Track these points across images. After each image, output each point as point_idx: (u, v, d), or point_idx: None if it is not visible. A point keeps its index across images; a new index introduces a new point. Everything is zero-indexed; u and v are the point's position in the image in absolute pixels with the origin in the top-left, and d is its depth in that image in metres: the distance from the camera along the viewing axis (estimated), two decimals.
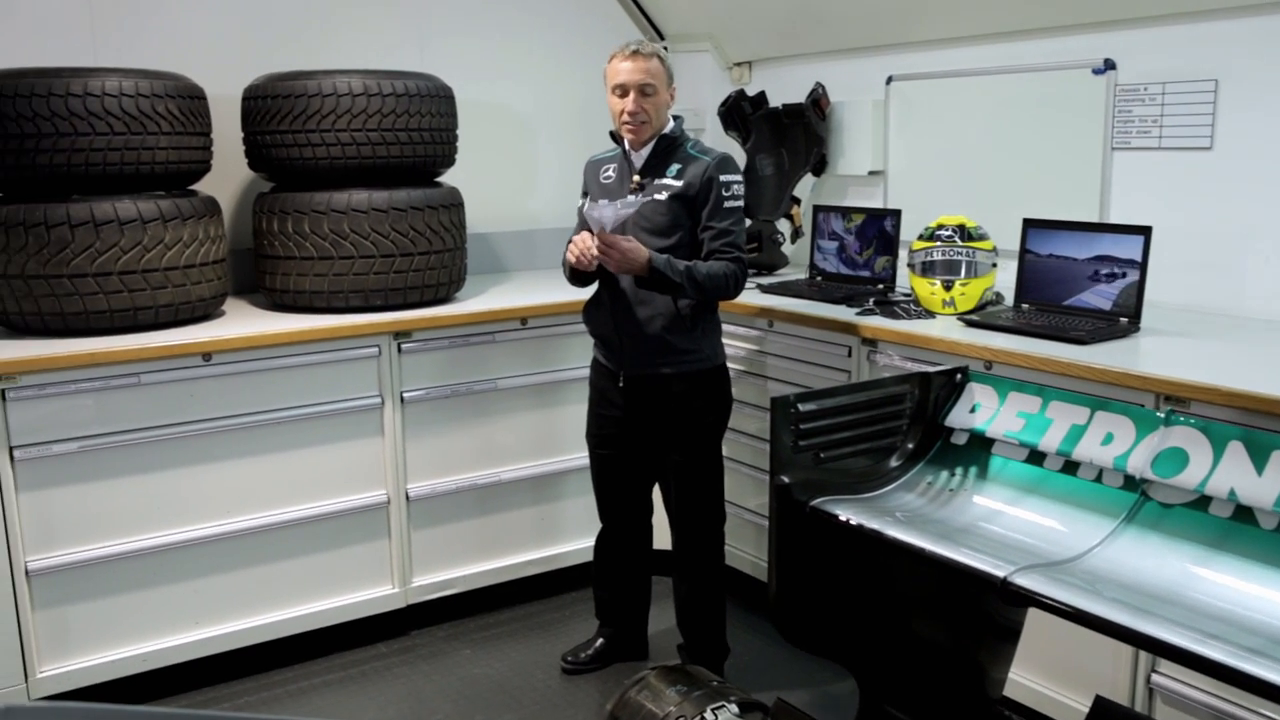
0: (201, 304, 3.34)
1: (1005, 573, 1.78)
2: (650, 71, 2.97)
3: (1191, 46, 3.17)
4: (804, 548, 2.11)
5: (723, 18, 4.46)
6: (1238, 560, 1.80)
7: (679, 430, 3.09)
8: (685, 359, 3.04)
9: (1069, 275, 3.15)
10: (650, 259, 2.88)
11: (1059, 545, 1.94)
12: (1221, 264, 3.18)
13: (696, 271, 2.92)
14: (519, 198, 4.46)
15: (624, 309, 3.04)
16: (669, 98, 3.05)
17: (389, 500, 3.51)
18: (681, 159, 3.03)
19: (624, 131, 3.05)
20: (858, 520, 2.00)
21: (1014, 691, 2.81)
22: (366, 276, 3.45)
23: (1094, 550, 1.91)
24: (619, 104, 3.00)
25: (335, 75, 3.43)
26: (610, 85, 3.02)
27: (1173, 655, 1.58)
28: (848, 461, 2.20)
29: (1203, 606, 1.72)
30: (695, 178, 2.98)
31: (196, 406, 3.17)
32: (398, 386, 3.47)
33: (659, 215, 3.00)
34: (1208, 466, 1.89)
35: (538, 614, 3.78)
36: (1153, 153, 3.29)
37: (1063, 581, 1.78)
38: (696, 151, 3.05)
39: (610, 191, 3.09)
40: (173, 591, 3.20)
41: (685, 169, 3.01)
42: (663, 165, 3.04)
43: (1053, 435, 2.12)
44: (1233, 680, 1.51)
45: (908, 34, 3.90)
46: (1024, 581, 1.76)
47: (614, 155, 3.17)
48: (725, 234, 2.98)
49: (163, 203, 3.22)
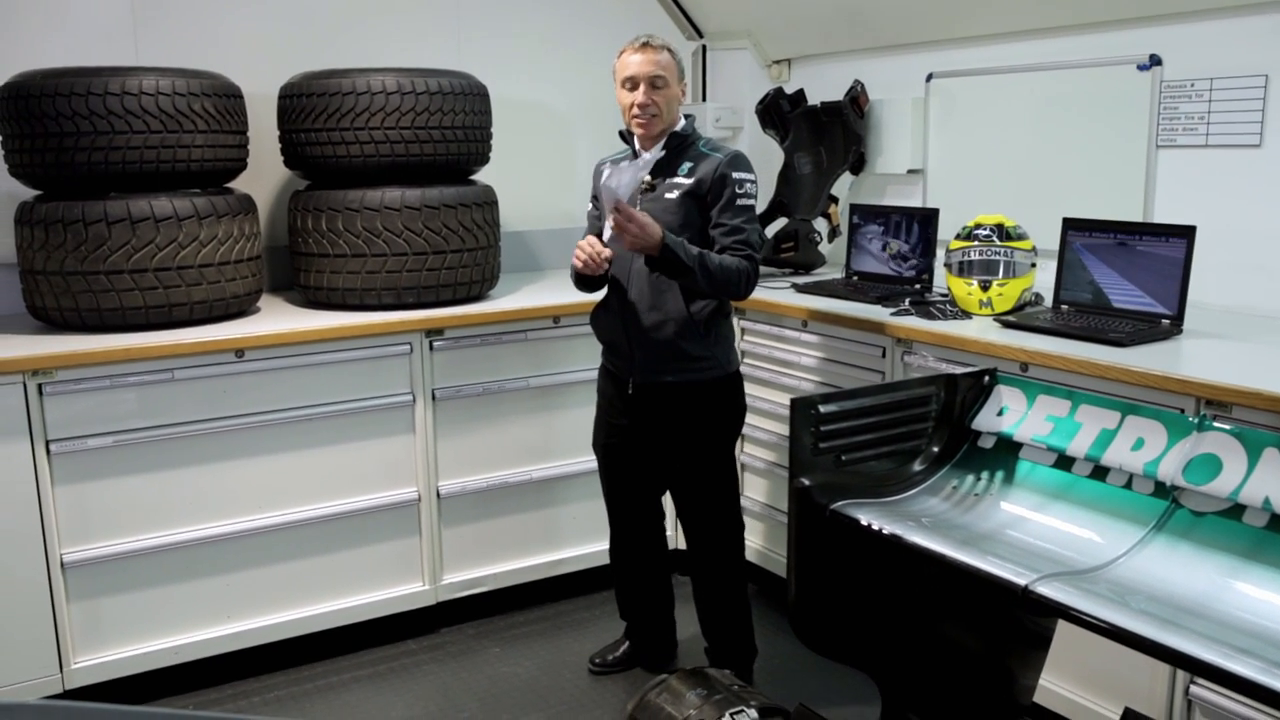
0: (236, 301, 3.37)
1: (1027, 581, 1.74)
2: (660, 64, 2.92)
3: (1240, 41, 3.09)
4: (824, 551, 2.07)
5: (762, 15, 4.42)
6: (1272, 571, 1.74)
7: (690, 439, 3.04)
8: (697, 366, 2.98)
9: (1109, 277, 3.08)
10: (664, 236, 2.77)
11: (1085, 553, 1.89)
12: (1270, 265, 3.08)
13: (709, 260, 2.82)
14: (554, 196, 4.45)
15: (634, 314, 2.98)
16: (680, 93, 2.99)
17: (420, 497, 3.51)
18: (693, 157, 2.97)
19: (634, 126, 2.98)
20: (878, 525, 1.96)
21: (1045, 699, 2.75)
22: (400, 274, 3.46)
23: (1121, 559, 1.85)
24: (629, 97, 2.95)
25: (370, 74, 3.44)
26: (619, 79, 2.97)
27: (1200, 670, 1.53)
28: (870, 464, 2.16)
29: (1234, 619, 1.66)
30: (707, 174, 2.92)
31: (230, 402, 3.20)
32: (429, 384, 3.48)
33: (669, 213, 2.91)
34: (1242, 474, 1.83)
35: (567, 613, 3.77)
36: (1199, 150, 3.21)
37: (1088, 591, 1.73)
38: (708, 149, 2.98)
39: (618, 187, 3.02)
40: (205, 585, 3.23)
41: (697, 166, 2.94)
42: (674, 164, 2.98)
43: (1082, 440, 2.06)
44: (1263, 698, 1.46)
45: (948, 31, 3.83)
46: (1046, 590, 1.71)
47: (624, 155, 3.13)
48: (738, 231, 2.89)
49: (198, 200, 3.25)
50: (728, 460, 3.12)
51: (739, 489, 3.20)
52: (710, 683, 2.34)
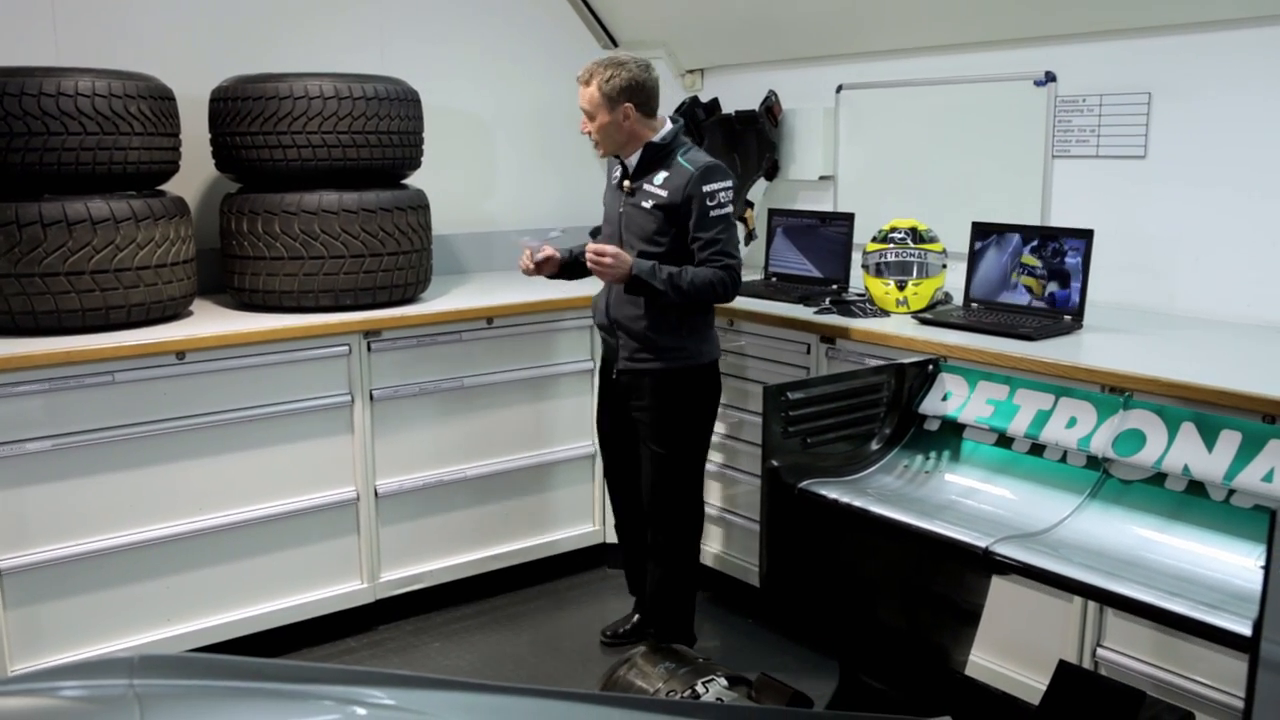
0: (172, 303, 3.36)
1: (986, 543, 1.93)
2: (584, 97, 3.15)
3: (1126, 61, 3.39)
4: (793, 528, 2.23)
5: (676, 26, 4.59)
6: (1193, 529, 1.98)
7: (659, 423, 3.21)
8: (671, 355, 3.18)
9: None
10: (631, 267, 3.03)
11: (1030, 519, 2.10)
12: (1154, 266, 3.39)
13: (680, 279, 3.04)
14: (478, 200, 4.54)
15: (618, 304, 3.22)
16: (620, 118, 3.12)
17: (358, 496, 3.56)
18: (669, 166, 3.14)
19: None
20: (846, 499, 2.13)
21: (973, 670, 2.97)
22: (336, 276, 3.50)
23: (1062, 523, 2.07)
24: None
25: (305, 78, 3.47)
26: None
27: (1143, 611, 1.74)
28: (831, 446, 2.34)
29: (1165, 569, 1.89)
30: (678, 190, 3.09)
31: (169, 405, 3.19)
32: (367, 384, 3.52)
33: (647, 223, 3.15)
34: (1163, 445, 2.06)
35: (504, 607, 3.86)
36: (1091, 160, 3.50)
37: (1038, 550, 1.94)
38: (685, 161, 3.14)
39: (611, 191, 3.31)
40: (146, 588, 3.21)
41: (670, 178, 3.12)
42: (650, 171, 3.17)
43: (1020, 420, 2.28)
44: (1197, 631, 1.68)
45: (857, 44, 4.07)
46: (1005, 550, 1.90)
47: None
48: (713, 243, 3.09)
49: (134, 202, 3.23)
50: (692, 448, 3.29)
51: (701, 482, 3.36)
52: (677, 657, 2.47)
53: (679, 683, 2.40)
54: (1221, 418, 2.04)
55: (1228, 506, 1.97)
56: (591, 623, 3.70)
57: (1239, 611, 1.67)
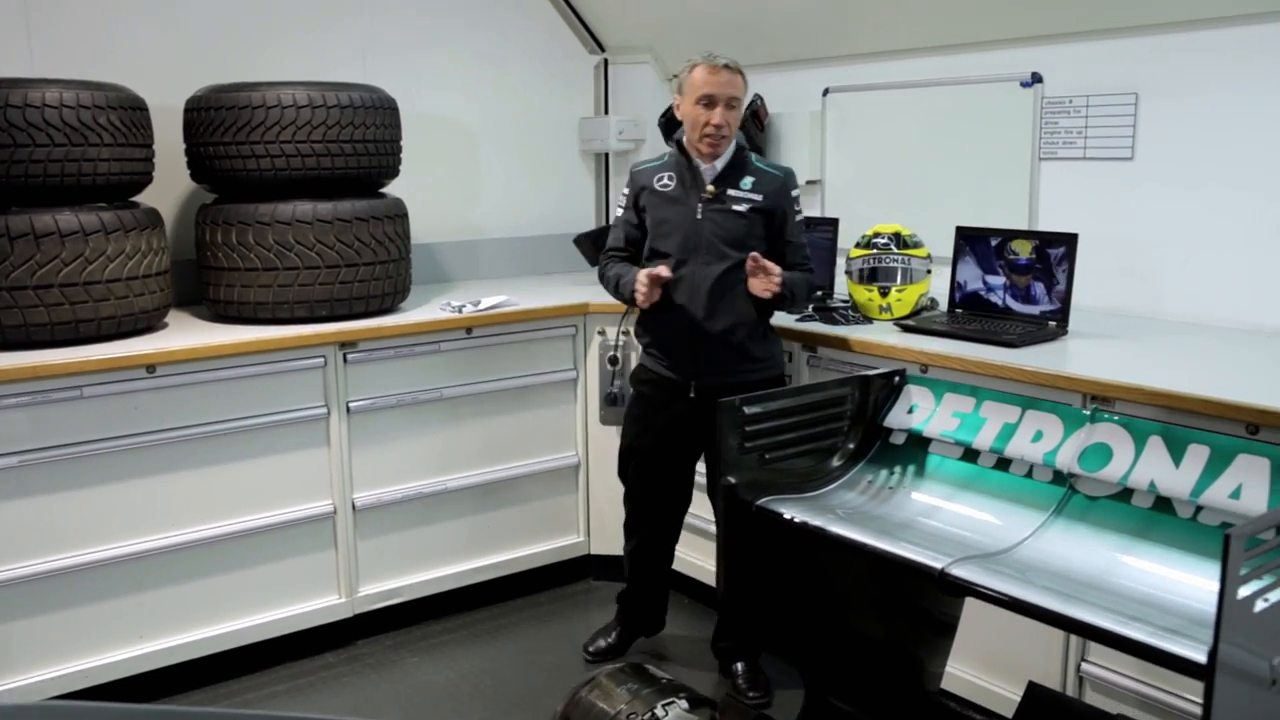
0: (144, 316, 3.32)
1: (942, 564, 1.86)
2: (737, 85, 3.02)
3: (1113, 61, 3.31)
4: (751, 546, 2.17)
5: (662, 30, 4.54)
6: (1158, 548, 1.90)
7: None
8: (760, 365, 3.11)
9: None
10: (783, 279, 2.96)
11: (993, 538, 2.03)
12: (1142, 269, 3.32)
13: (798, 287, 3.04)
14: (462, 208, 4.50)
15: (702, 321, 3.06)
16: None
17: (335, 510, 3.51)
18: (753, 171, 3.09)
19: (703, 145, 3.04)
20: (802, 518, 2.07)
21: (951, 684, 2.91)
22: (311, 287, 3.46)
23: (1025, 541, 2.00)
24: (704, 115, 3.00)
25: (279, 87, 3.44)
26: (694, 96, 3.01)
27: (1099, 637, 1.67)
28: (792, 462, 2.27)
29: (1127, 591, 1.82)
30: (773, 193, 3.06)
31: (140, 419, 3.15)
32: (343, 396, 3.48)
33: (739, 228, 3.05)
34: (1130, 460, 1.99)
35: (486, 620, 3.81)
36: (1078, 163, 3.43)
37: (997, 571, 1.87)
38: (765, 165, 3.12)
39: (675, 200, 3.11)
40: (117, 606, 3.17)
41: (760, 182, 3.07)
42: (736, 177, 3.08)
43: (986, 434, 2.21)
44: (1154, 659, 1.61)
45: (843, 47, 4.01)
46: (960, 572, 1.84)
47: (665, 163, 3.19)
48: (801, 248, 3.11)
49: (104, 214, 3.20)
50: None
51: None
52: (640, 677, 2.41)
53: (641, 704, 2.35)
54: (1190, 431, 1.97)
55: (1194, 524, 1.90)
56: (574, 636, 3.65)
57: (1198, 637, 1.60)
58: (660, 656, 3.46)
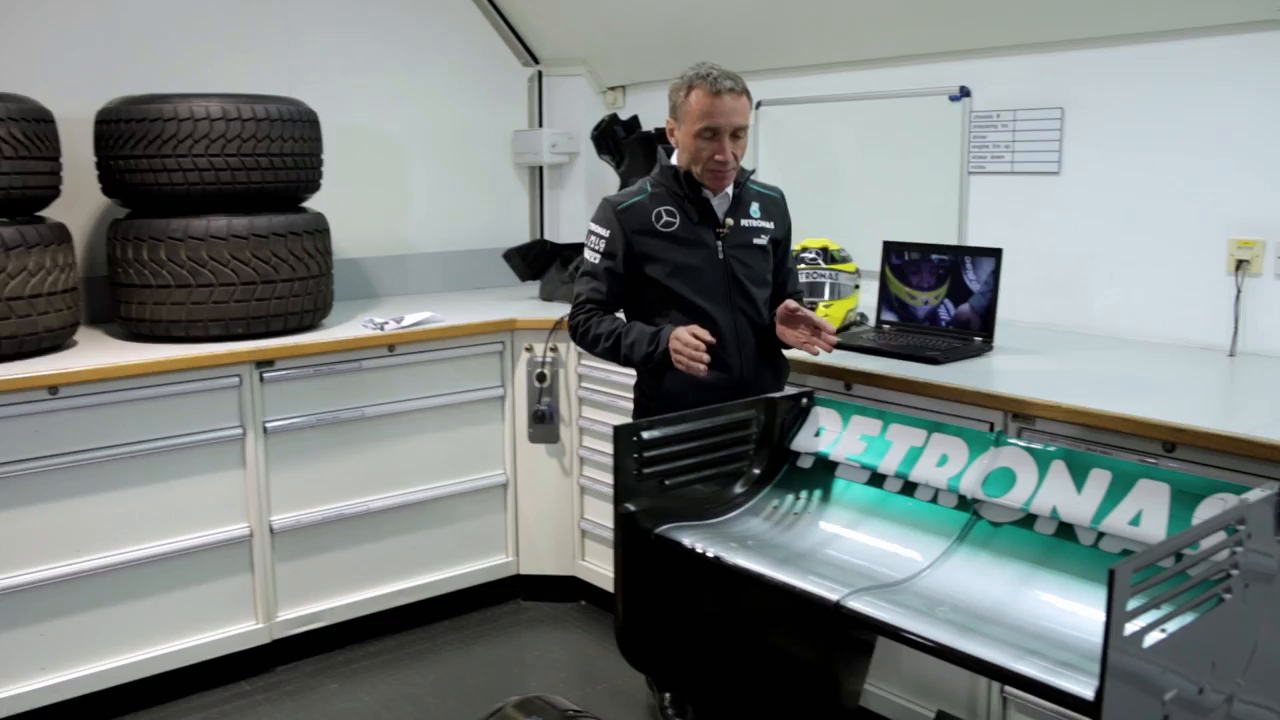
0: (50, 335, 3.21)
1: (839, 596, 1.81)
2: (742, 111, 2.58)
3: (1039, 76, 3.29)
4: (651, 574, 2.11)
5: (596, 42, 4.48)
6: (1060, 576, 1.86)
7: None
8: (786, 373, 2.86)
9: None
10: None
11: (895, 567, 1.98)
12: (1069, 283, 3.29)
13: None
14: (391, 222, 4.41)
15: (753, 380, 2.68)
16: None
17: (251, 533, 3.41)
18: (755, 196, 2.76)
19: (706, 178, 2.62)
20: (701, 547, 2.01)
21: (870, 703, 2.85)
22: (228, 304, 3.37)
23: (927, 570, 1.94)
24: (708, 149, 2.57)
25: (193, 99, 3.34)
26: (694, 126, 2.57)
27: (991, 673, 1.61)
28: (694, 488, 2.21)
29: (1025, 623, 1.77)
30: (779, 217, 2.78)
31: (43, 442, 3.04)
32: (260, 416, 3.39)
33: (760, 264, 2.72)
34: (1033, 485, 1.95)
35: (407, 644, 3.71)
36: (1006, 177, 3.40)
37: (896, 603, 1.81)
38: (759, 186, 2.81)
39: (688, 241, 2.65)
40: (18, 636, 3.05)
41: (764, 206, 2.75)
42: (745, 205, 2.72)
43: (892, 457, 2.16)
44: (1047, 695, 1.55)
45: (775, 60, 3.96)
46: (856, 605, 1.78)
47: (654, 195, 2.71)
48: (794, 272, 2.97)
49: (6, 230, 3.09)
50: None
51: None
52: (545, 709, 2.34)
53: None
54: (1092, 456, 1.93)
55: (1096, 550, 1.85)
56: (501, 659, 3.57)
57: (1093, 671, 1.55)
58: (595, 679, 3.40)
